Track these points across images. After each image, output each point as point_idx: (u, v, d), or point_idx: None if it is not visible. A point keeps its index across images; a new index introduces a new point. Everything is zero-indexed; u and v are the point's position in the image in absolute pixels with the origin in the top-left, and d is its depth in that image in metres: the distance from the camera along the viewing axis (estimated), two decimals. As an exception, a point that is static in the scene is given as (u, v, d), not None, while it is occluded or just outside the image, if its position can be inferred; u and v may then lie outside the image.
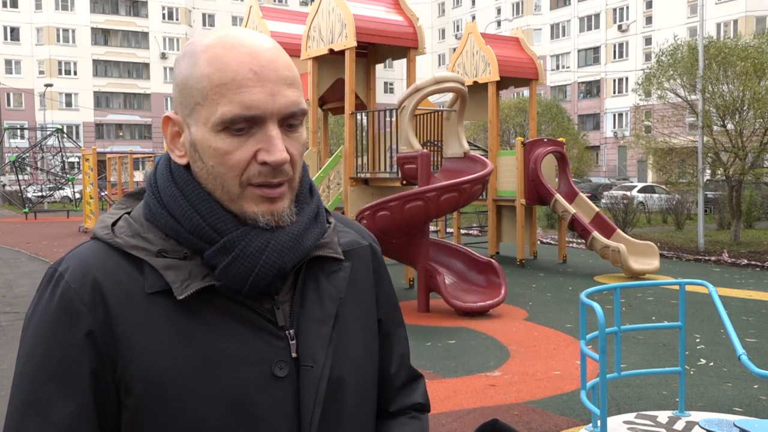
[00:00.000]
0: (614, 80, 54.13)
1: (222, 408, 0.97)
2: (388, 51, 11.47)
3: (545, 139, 13.60)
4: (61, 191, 34.40)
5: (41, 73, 59.26)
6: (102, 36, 62.17)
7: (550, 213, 19.54)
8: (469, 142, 10.57)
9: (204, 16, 66.55)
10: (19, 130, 48.63)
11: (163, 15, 63.88)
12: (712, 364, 6.50)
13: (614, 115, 53.97)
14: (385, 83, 70.91)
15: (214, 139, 0.97)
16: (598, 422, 3.93)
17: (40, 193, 32.70)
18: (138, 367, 0.96)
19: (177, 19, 64.40)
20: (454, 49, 23.73)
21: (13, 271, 13.23)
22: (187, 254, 1.00)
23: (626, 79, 51.88)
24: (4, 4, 58.67)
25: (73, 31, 60.43)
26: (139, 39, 63.45)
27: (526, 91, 38.87)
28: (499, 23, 58.70)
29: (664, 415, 4.78)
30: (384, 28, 10.57)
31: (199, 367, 0.97)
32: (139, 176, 28.30)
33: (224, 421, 0.97)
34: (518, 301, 9.74)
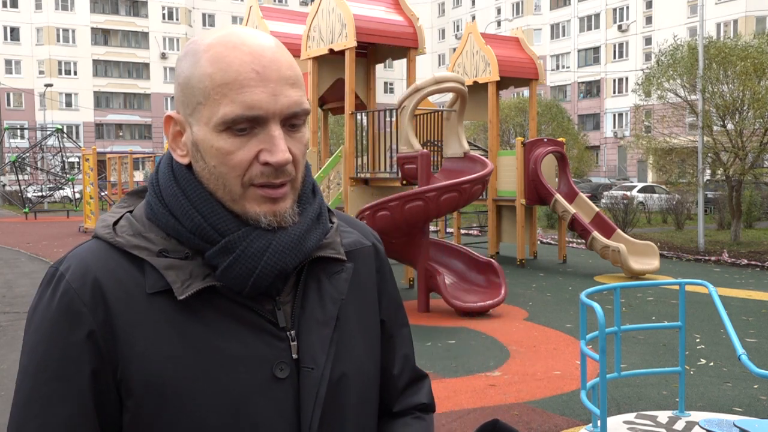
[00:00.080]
0: (614, 80, 54.14)
1: (222, 409, 0.97)
2: (388, 51, 11.47)
3: (545, 139, 13.60)
4: (61, 191, 34.41)
5: (41, 73, 59.28)
6: (102, 36, 62.19)
7: (550, 213, 19.54)
8: (469, 142, 10.57)
9: (204, 16, 66.57)
10: (19, 130, 48.64)
11: (163, 15, 63.90)
12: (712, 364, 6.50)
13: (614, 115, 53.98)
14: (385, 83, 70.92)
15: (216, 139, 0.96)
16: (598, 422, 3.93)
17: (40, 193, 32.70)
18: (138, 368, 0.96)
19: (177, 19, 64.42)
20: (454, 49, 23.73)
21: (13, 271, 13.23)
22: (189, 254, 1.00)
23: (626, 79, 51.88)
24: (4, 4, 58.69)
25: (73, 31, 60.45)
26: (139, 39, 63.47)
27: (526, 91, 38.86)
28: (499, 23, 58.71)
29: (664, 415, 4.78)
30: (384, 28, 10.57)
31: (200, 368, 0.97)
32: (139, 176, 28.31)
33: (224, 422, 0.97)
34: (518, 301, 9.74)
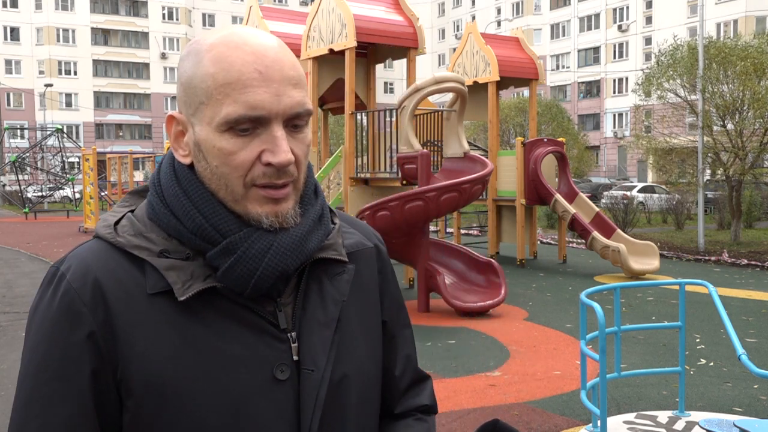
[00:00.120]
0: (614, 80, 54.15)
1: (222, 410, 0.97)
2: (388, 51, 11.47)
3: (545, 139, 13.60)
4: (61, 191, 34.41)
5: (41, 73, 59.28)
6: (102, 36, 62.19)
7: (550, 213, 19.54)
8: (469, 142, 10.57)
9: (204, 16, 66.58)
10: (19, 130, 48.65)
11: (163, 15, 63.91)
12: (712, 364, 6.50)
13: (614, 115, 53.98)
14: (385, 83, 70.92)
15: (219, 139, 0.96)
16: (598, 422, 3.93)
17: (40, 193, 32.70)
18: (138, 368, 0.96)
19: (177, 19, 64.42)
20: (454, 49, 23.73)
21: (13, 271, 13.23)
22: (190, 255, 0.99)
23: (626, 79, 51.89)
24: (4, 4, 58.69)
25: (73, 31, 60.46)
26: (139, 39, 63.47)
27: (526, 91, 38.86)
28: (499, 23, 58.71)
29: (664, 415, 4.78)
30: (384, 28, 10.57)
31: (200, 369, 0.96)
32: (139, 176, 28.32)
33: (225, 423, 0.97)
34: (518, 301, 9.74)
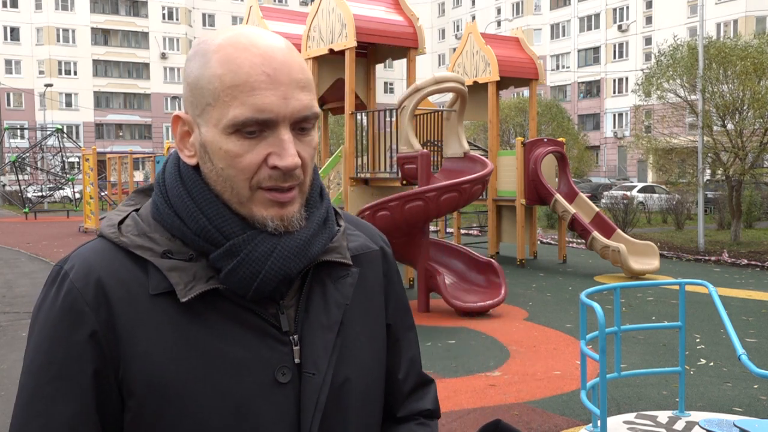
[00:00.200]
0: (614, 80, 54.16)
1: (223, 411, 0.96)
2: (388, 51, 11.47)
3: (545, 139, 13.60)
4: (61, 191, 34.43)
5: (41, 73, 59.28)
6: (102, 36, 62.20)
7: (550, 213, 19.54)
8: (469, 142, 10.57)
9: (204, 16, 66.57)
10: (19, 130, 48.65)
11: (163, 15, 63.91)
12: (712, 364, 6.50)
13: (614, 115, 53.99)
14: (385, 83, 70.92)
15: (225, 141, 0.95)
16: (598, 422, 3.93)
17: (40, 193, 32.71)
18: (140, 368, 0.95)
19: (177, 19, 64.43)
20: (454, 49, 23.74)
21: (13, 271, 13.23)
22: (193, 256, 0.99)
23: (626, 79, 51.90)
24: (4, 4, 58.69)
25: (73, 31, 60.46)
26: (139, 39, 63.47)
27: (526, 91, 38.87)
28: (499, 23, 58.72)
29: (664, 415, 4.78)
30: (384, 28, 10.57)
31: (202, 370, 0.96)
32: (139, 176, 28.29)
33: (226, 424, 0.96)
34: (518, 301, 9.74)
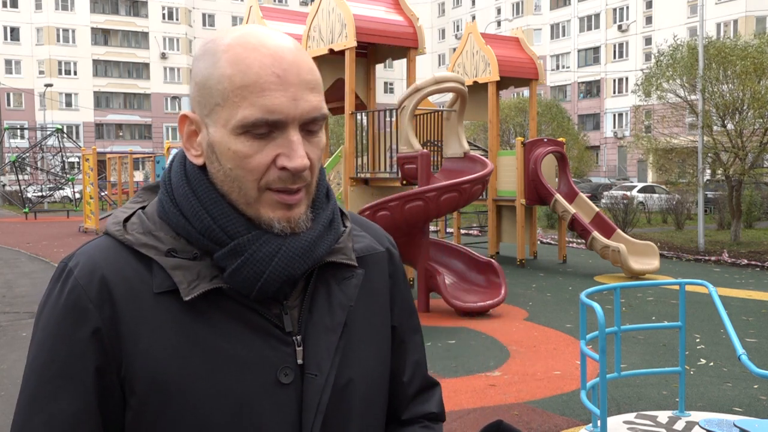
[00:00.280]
0: (614, 80, 54.16)
1: (225, 411, 0.96)
2: (388, 51, 11.47)
3: (545, 139, 13.60)
4: (61, 191, 34.43)
5: (41, 73, 59.28)
6: (102, 36, 62.19)
7: (550, 213, 19.54)
8: (469, 142, 10.57)
9: (204, 16, 66.57)
10: (19, 130, 48.65)
11: (163, 15, 63.91)
12: (712, 364, 6.50)
13: (614, 115, 53.99)
14: (385, 83, 70.93)
15: (234, 142, 0.95)
16: (598, 422, 3.93)
17: (40, 193, 32.71)
18: (142, 366, 0.95)
19: (177, 19, 64.43)
20: (454, 49, 23.73)
21: (13, 271, 13.23)
22: (197, 255, 0.99)
23: (626, 79, 51.90)
24: (4, 4, 58.69)
25: (73, 31, 60.46)
26: (139, 39, 63.47)
27: (526, 91, 38.87)
28: (499, 23, 58.72)
29: (664, 415, 4.78)
30: (384, 28, 10.57)
31: (204, 370, 0.96)
32: (139, 176, 28.28)
33: (227, 424, 0.96)
34: (518, 301, 9.74)
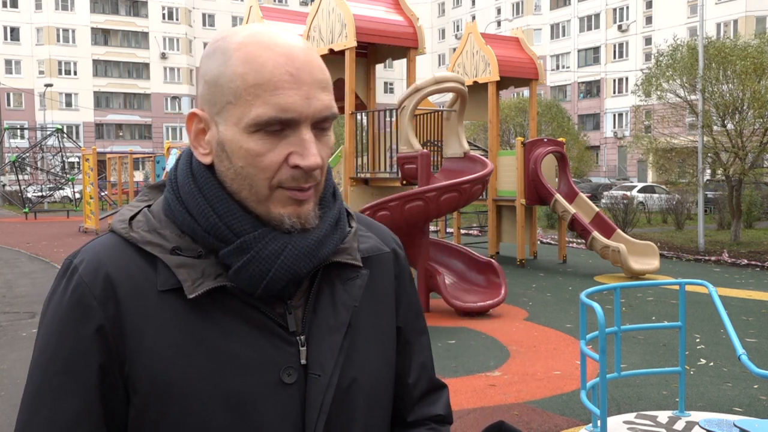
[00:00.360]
0: (614, 80, 54.16)
1: (227, 410, 0.96)
2: (388, 51, 11.47)
3: (545, 139, 13.60)
4: (61, 191, 34.43)
5: (41, 73, 59.27)
6: (102, 36, 62.19)
7: (550, 213, 19.54)
8: (469, 142, 10.57)
9: (204, 16, 66.57)
10: (19, 130, 48.65)
11: (163, 15, 63.90)
12: (712, 364, 6.50)
13: (614, 115, 53.98)
14: (385, 83, 70.92)
15: (246, 140, 0.95)
16: (598, 422, 3.93)
17: (40, 193, 32.71)
18: (145, 364, 0.96)
19: (177, 19, 64.42)
20: (454, 49, 23.74)
21: (13, 271, 13.22)
22: (202, 253, 0.99)
23: (626, 79, 51.90)
24: (4, 4, 58.68)
25: (73, 31, 60.45)
26: (139, 39, 63.47)
27: (526, 91, 38.87)
28: (499, 23, 58.72)
29: (664, 415, 4.78)
30: (384, 28, 10.57)
31: (207, 368, 0.96)
32: (139, 176, 28.28)
33: (230, 424, 0.96)
34: (518, 301, 9.74)
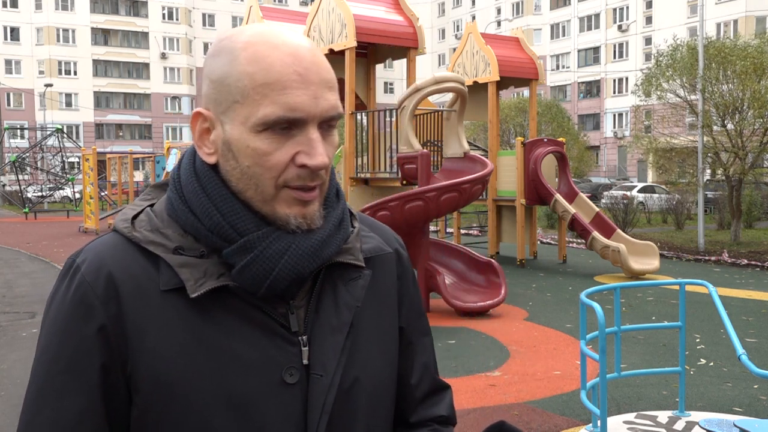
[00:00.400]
0: (614, 80, 54.16)
1: (230, 410, 0.96)
2: (388, 51, 11.47)
3: (545, 139, 13.60)
4: (61, 191, 34.43)
5: (41, 73, 59.27)
6: (102, 36, 62.19)
7: (550, 213, 19.54)
8: (469, 142, 10.57)
9: (204, 16, 66.57)
10: (19, 130, 48.65)
11: (163, 15, 63.90)
12: (712, 364, 6.50)
13: (614, 115, 53.98)
14: (385, 83, 70.92)
15: (253, 140, 0.95)
16: (598, 422, 3.93)
17: (40, 193, 32.71)
18: (147, 364, 0.95)
19: (177, 19, 64.42)
20: (454, 49, 23.73)
21: (13, 271, 13.22)
22: (204, 252, 0.99)
23: (626, 79, 51.90)
24: (4, 4, 58.68)
25: (73, 31, 60.45)
26: (139, 39, 63.46)
27: (526, 91, 38.86)
28: (499, 23, 58.72)
29: (664, 415, 4.78)
30: (384, 28, 10.58)
31: (209, 368, 0.96)
32: (139, 176, 28.28)
33: (231, 424, 0.96)
34: (518, 301, 9.74)
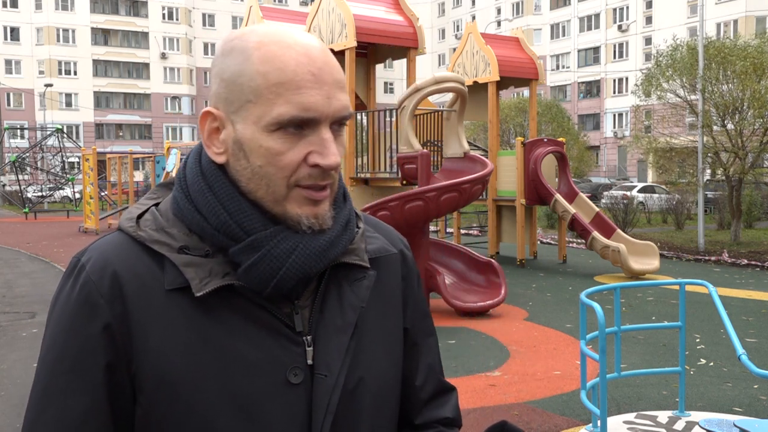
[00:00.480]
0: (614, 80, 54.16)
1: (233, 410, 0.96)
2: (388, 51, 11.48)
3: (545, 139, 13.60)
4: (61, 191, 34.42)
5: (41, 73, 59.27)
6: (102, 36, 62.20)
7: (550, 213, 19.54)
8: (469, 142, 10.57)
9: (204, 16, 66.57)
10: (19, 130, 48.65)
11: (163, 15, 63.90)
12: (712, 364, 6.50)
13: (614, 115, 53.99)
14: (385, 83, 70.92)
15: (266, 139, 0.95)
16: (598, 422, 3.93)
17: (40, 193, 32.71)
18: (152, 363, 0.95)
19: (177, 19, 64.42)
20: (454, 49, 23.74)
21: (13, 271, 13.22)
22: (209, 252, 0.99)
23: (626, 79, 51.91)
24: (4, 4, 58.68)
25: (73, 31, 60.45)
26: (139, 39, 63.47)
27: (526, 91, 38.86)
28: (499, 23, 58.72)
29: (664, 415, 4.78)
30: (384, 28, 10.58)
31: (213, 368, 0.96)
32: (139, 176, 28.28)
33: (235, 424, 0.96)
34: (518, 301, 9.74)
